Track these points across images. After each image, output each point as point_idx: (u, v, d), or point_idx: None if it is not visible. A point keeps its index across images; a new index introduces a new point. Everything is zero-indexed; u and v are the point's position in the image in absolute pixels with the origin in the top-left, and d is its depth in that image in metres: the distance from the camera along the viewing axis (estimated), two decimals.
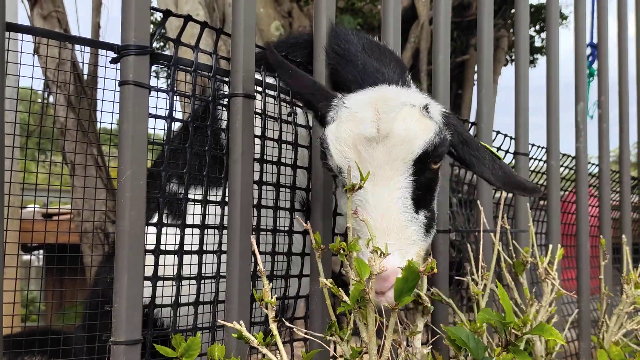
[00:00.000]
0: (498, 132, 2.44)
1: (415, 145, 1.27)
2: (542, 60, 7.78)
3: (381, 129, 1.27)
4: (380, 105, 1.32)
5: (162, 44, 7.07)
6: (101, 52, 1.41)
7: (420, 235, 1.33)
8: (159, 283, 1.40)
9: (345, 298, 1.11)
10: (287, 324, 1.26)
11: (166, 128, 1.42)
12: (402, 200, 1.29)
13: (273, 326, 1.16)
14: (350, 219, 1.16)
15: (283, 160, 1.68)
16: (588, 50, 3.80)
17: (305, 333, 1.29)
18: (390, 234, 1.25)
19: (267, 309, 1.15)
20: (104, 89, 1.47)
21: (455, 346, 1.20)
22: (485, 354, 1.16)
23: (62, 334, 1.94)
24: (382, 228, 1.24)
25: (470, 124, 2.37)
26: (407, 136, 1.28)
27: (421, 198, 1.34)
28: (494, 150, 1.41)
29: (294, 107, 1.74)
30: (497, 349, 1.25)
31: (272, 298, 1.15)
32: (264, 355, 1.59)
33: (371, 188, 1.27)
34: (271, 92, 1.67)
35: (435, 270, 1.09)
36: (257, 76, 1.59)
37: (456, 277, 1.83)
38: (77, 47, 4.03)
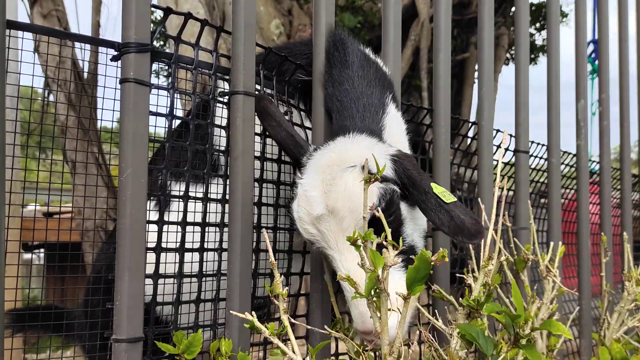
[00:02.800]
0: (498, 131, 2.44)
1: (360, 213, 1.26)
2: (543, 58, 7.77)
3: (328, 205, 1.31)
4: (327, 175, 1.35)
5: (162, 42, 7.07)
6: (101, 50, 1.41)
7: (402, 278, 1.29)
8: (160, 280, 1.40)
9: (361, 290, 1.12)
10: (291, 319, 1.26)
11: (167, 125, 1.42)
12: None
13: (284, 317, 1.18)
14: (366, 208, 1.16)
15: (283, 158, 1.68)
16: (591, 47, 3.80)
17: (308, 329, 1.30)
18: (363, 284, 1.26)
19: (278, 301, 1.16)
20: (104, 87, 1.47)
21: (465, 341, 1.21)
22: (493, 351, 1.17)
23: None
24: (356, 284, 1.23)
25: (470, 124, 2.37)
26: (351, 207, 1.30)
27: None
28: (445, 191, 1.35)
29: (290, 107, 1.75)
30: (503, 343, 1.25)
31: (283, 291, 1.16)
32: (265, 352, 1.60)
33: (338, 257, 1.32)
34: (269, 91, 1.68)
35: (447, 259, 1.10)
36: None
37: (458, 275, 1.83)
38: (77, 45, 4.03)
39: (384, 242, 1.09)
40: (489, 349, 1.16)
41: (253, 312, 1.24)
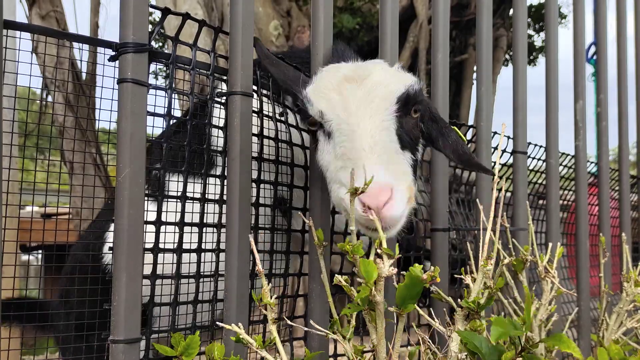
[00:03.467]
0: (495, 133, 2.44)
1: (394, 87, 1.32)
2: (541, 59, 7.78)
3: (360, 74, 1.35)
4: (357, 66, 1.43)
5: (161, 44, 7.06)
6: (100, 50, 1.41)
7: (409, 169, 1.32)
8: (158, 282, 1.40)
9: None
10: (288, 321, 1.26)
11: (165, 126, 1.41)
12: (387, 132, 1.30)
13: (272, 327, 1.14)
14: (353, 221, 1.15)
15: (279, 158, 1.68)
16: (592, 49, 3.80)
17: (306, 331, 1.28)
18: (380, 155, 1.24)
19: (266, 310, 1.13)
20: (102, 87, 1.47)
21: (468, 351, 1.19)
22: None
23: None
24: (369, 149, 1.23)
25: (468, 127, 2.37)
26: (385, 79, 1.35)
27: (405, 140, 1.35)
28: (461, 134, 1.47)
29: (286, 108, 1.74)
30: (507, 353, 1.23)
31: (271, 299, 1.13)
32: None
33: (355, 121, 1.29)
34: (265, 92, 1.67)
35: (438, 279, 1.07)
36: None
37: (456, 276, 1.83)
38: (75, 46, 4.02)
39: (379, 251, 1.07)
40: (493, 358, 1.13)
41: (240, 324, 1.20)
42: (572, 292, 1.70)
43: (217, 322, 1.28)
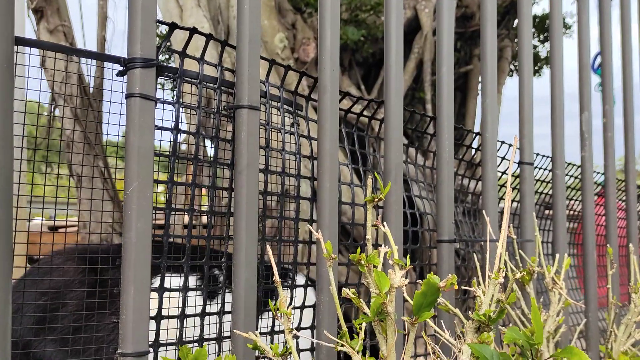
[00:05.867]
0: (503, 142, 2.44)
1: None
2: (546, 70, 7.78)
3: None
4: None
5: (167, 56, 7.11)
6: (107, 64, 1.43)
7: None
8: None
9: (366, 309, 1.11)
10: (296, 332, 1.26)
11: (172, 140, 1.43)
12: None
13: (289, 337, 1.15)
14: (369, 230, 1.15)
15: (287, 170, 1.69)
16: (598, 60, 3.80)
17: (313, 342, 1.29)
18: None
19: (282, 319, 1.14)
20: (110, 102, 1.48)
21: None
22: None
23: None
24: None
25: (474, 134, 2.37)
26: None
27: None
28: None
29: (297, 118, 1.76)
30: None
31: (287, 309, 1.15)
32: None
33: None
34: (274, 103, 1.69)
35: (456, 287, 1.07)
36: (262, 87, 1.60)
37: (465, 287, 1.83)
38: (83, 60, 4.05)
39: (390, 262, 1.08)
40: None
41: (257, 332, 1.23)
42: (580, 303, 1.69)
43: (234, 331, 1.28)
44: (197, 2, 5.07)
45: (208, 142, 1.71)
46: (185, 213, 1.48)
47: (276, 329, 1.66)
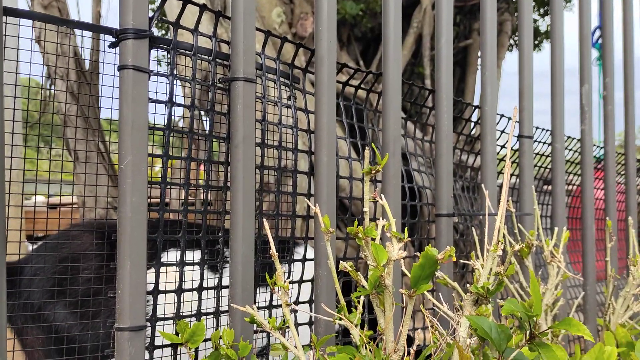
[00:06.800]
0: (502, 116, 2.42)
1: None
2: (546, 44, 7.71)
3: None
4: None
5: (164, 31, 7.03)
6: (102, 38, 1.40)
7: None
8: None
9: (364, 283, 1.10)
10: (295, 307, 1.25)
11: (167, 113, 1.41)
12: None
13: (286, 310, 1.15)
14: (367, 202, 1.14)
15: (284, 144, 1.67)
16: (597, 34, 3.76)
17: (311, 316, 1.28)
18: None
19: (279, 293, 1.14)
20: (102, 73, 1.46)
21: (477, 336, 1.18)
22: (507, 345, 1.12)
23: None
24: None
25: (474, 108, 2.35)
26: None
27: None
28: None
29: (294, 91, 1.73)
30: (515, 337, 1.22)
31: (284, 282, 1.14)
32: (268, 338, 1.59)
33: None
34: (270, 76, 1.66)
35: (454, 259, 1.06)
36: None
37: (463, 261, 1.82)
38: (78, 34, 4.00)
39: (388, 234, 1.07)
40: (502, 344, 1.12)
41: (254, 306, 1.22)
42: (579, 276, 1.69)
43: (232, 305, 1.28)
44: None
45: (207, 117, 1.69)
46: (181, 187, 1.46)
47: (275, 303, 1.66)
